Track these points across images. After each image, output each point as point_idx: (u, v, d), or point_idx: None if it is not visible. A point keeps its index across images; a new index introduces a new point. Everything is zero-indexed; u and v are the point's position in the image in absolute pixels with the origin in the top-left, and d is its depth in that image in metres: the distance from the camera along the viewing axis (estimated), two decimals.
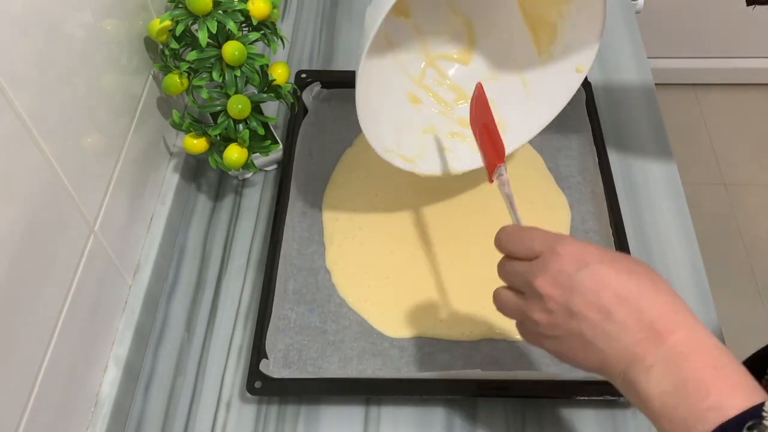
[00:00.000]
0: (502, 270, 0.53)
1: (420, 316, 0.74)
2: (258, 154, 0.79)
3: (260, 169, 0.83)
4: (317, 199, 0.83)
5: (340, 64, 0.98)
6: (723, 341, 0.72)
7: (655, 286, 0.47)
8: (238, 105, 0.73)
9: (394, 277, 0.77)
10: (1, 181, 0.50)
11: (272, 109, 0.92)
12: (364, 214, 0.82)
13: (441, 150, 0.79)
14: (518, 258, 0.52)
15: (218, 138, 0.77)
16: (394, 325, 0.73)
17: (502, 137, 0.63)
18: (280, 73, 0.80)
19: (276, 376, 0.68)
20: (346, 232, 0.80)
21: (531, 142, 0.85)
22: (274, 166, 0.87)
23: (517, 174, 0.84)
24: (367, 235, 0.80)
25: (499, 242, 0.53)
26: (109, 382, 0.67)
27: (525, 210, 0.61)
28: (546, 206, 0.82)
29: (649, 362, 0.45)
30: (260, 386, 0.66)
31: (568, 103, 0.89)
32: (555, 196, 0.83)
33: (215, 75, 0.73)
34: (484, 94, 0.65)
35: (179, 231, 0.82)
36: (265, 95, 0.76)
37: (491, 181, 0.62)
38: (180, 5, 0.72)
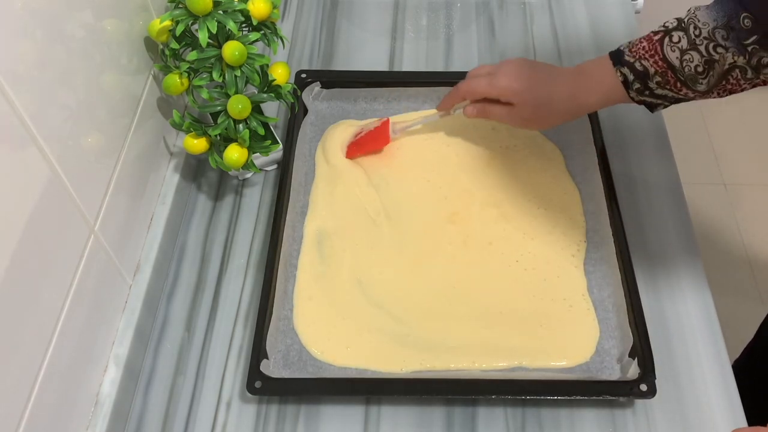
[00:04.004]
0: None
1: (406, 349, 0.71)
2: (258, 154, 0.79)
3: (260, 169, 0.83)
4: None
5: (340, 64, 0.98)
6: (722, 340, 0.72)
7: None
8: (238, 105, 0.73)
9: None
10: (1, 181, 0.50)
11: (272, 109, 0.92)
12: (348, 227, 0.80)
13: None
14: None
15: (218, 138, 0.77)
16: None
17: None
18: (280, 73, 0.80)
19: (276, 375, 0.68)
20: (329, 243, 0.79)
21: (549, 137, 0.86)
22: (274, 166, 0.87)
23: (534, 168, 0.84)
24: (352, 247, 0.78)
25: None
26: (109, 382, 0.67)
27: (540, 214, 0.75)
28: (559, 205, 0.81)
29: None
30: (260, 386, 0.66)
31: None
32: (569, 194, 0.82)
33: (215, 75, 0.73)
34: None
35: (179, 231, 0.82)
36: (265, 95, 0.76)
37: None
38: (180, 5, 0.72)
